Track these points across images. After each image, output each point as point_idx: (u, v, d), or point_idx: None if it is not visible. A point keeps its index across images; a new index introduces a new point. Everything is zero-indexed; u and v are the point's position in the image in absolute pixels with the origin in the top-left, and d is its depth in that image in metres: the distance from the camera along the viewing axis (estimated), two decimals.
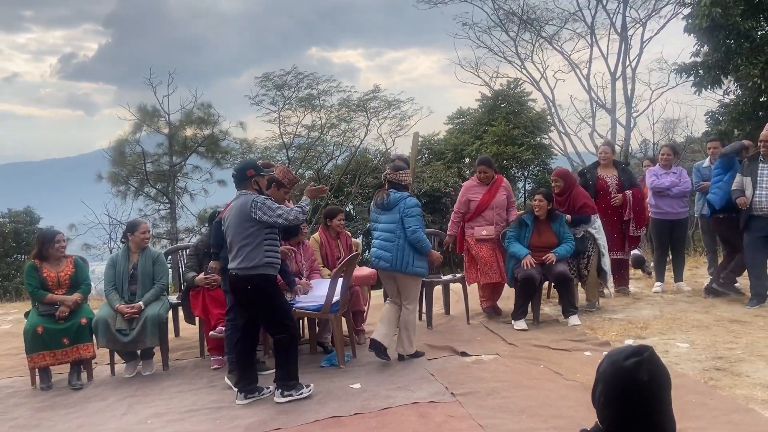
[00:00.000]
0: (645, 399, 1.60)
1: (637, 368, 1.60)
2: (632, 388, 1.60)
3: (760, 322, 5.33)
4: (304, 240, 5.42)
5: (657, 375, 1.61)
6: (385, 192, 4.86)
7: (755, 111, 13.31)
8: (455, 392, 4.15)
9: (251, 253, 4.12)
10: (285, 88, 17.25)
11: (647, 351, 1.64)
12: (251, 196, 4.19)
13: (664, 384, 1.63)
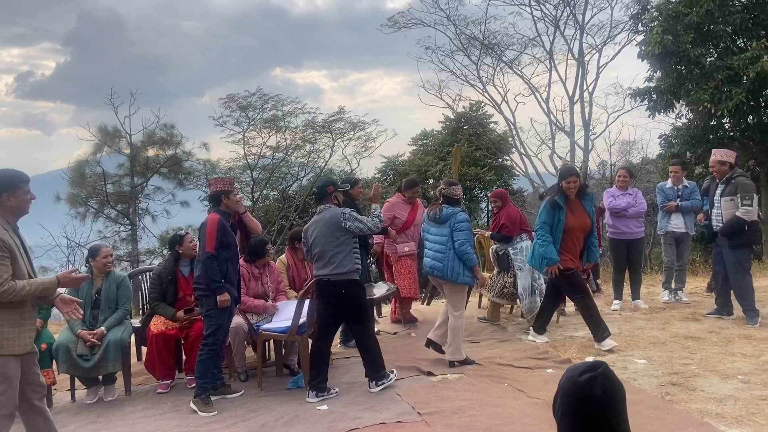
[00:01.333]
0: (599, 413, 1.65)
1: (591, 383, 1.64)
2: (586, 402, 1.65)
3: (713, 338, 5.53)
4: (269, 261, 5.42)
5: (610, 390, 1.65)
6: (438, 206, 5.25)
7: (706, 134, 13.90)
8: (422, 412, 4.19)
9: (344, 260, 4.59)
10: (249, 109, 17.25)
11: (601, 366, 1.68)
12: (338, 209, 4.70)
13: (618, 399, 1.66)
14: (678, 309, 6.84)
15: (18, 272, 3.19)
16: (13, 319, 3.18)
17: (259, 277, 5.28)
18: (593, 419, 1.65)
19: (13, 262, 3.18)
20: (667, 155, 14.64)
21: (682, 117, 14.75)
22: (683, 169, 7.43)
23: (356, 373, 5.19)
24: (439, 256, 5.18)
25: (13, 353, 3.17)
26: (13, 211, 3.30)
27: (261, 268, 5.30)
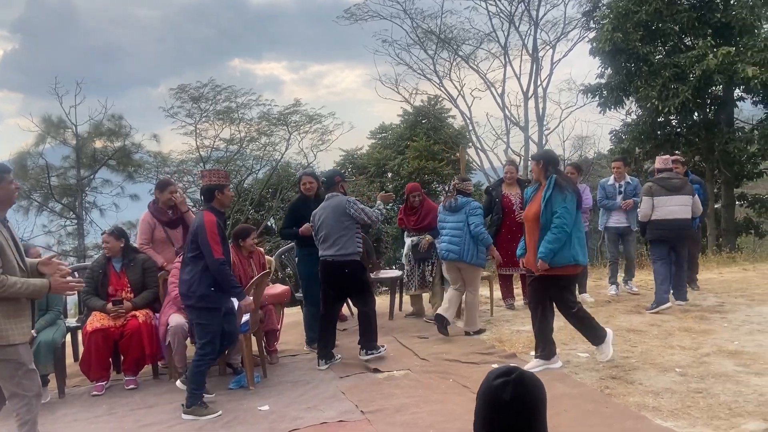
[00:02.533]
0: (509, 418, 1.62)
1: (502, 388, 1.63)
2: (496, 407, 1.63)
3: (654, 331, 5.64)
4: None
5: (522, 396, 1.62)
6: (453, 197, 5.94)
7: (654, 130, 14.25)
8: (365, 410, 4.14)
9: (347, 243, 5.10)
10: (202, 101, 16.82)
11: (515, 372, 1.65)
12: (344, 197, 5.23)
13: (531, 405, 1.64)
14: (623, 302, 6.97)
15: (7, 265, 3.18)
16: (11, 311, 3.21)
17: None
18: (503, 424, 1.62)
19: (2, 255, 3.16)
20: (617, 151, 14.95)
21: (631, 113, 15.09)
22: (625, 165, 7.61)
23: (301, 372, 5.11)
24: (456, 240, 5.79)
25: (14, 343, 3.22)
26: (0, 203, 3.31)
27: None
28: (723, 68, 11.85)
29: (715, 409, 3.74)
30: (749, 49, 12.09)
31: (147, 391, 4.83)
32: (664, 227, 6.44)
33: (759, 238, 16.87)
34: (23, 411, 3.32)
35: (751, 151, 13.54)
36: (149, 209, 5.53)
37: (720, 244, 13.73)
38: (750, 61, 11.75)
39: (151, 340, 4.97)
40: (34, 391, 3.35)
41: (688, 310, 6.38)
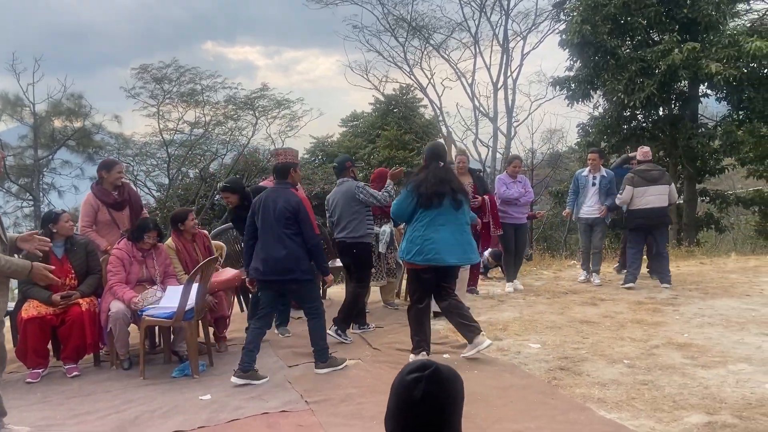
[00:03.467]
0: (418, 416, 1.53)
1: (413, 385, 1.54)
2: (406, 404, 1.55)
3: (607, 322, 5.66)
4: (156, 244, 5.07)
5: (434, 394, 1.53)
6: None
7: (620, 124, 14.37)
8: (309, 400, 4.04)
9: (357, 226, 5.46)
10: (165, 82, 16.37)
11: (430, 368, 1.55)
12: (354, 182, 5.55)
13: (442, 405, 1.54)
14: (579, 293, 7.00)
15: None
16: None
17: (143, 260, 4.93)
18: (410, 422, 1.54)
19: None
20: (584, 144, 15.04)
21: (598, 107, 15.18)
22: (600, 158, 7.78)
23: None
24: None
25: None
26: None
27: (145, 250, 4.95)
28: (688, 64, 11.96)
29: (660, 402, 3.73)
30: (714, 45, 12.23)
31: (86, 379, 4.65)
32: (644, 216, 7.09)
33: (719, 234, 17.22)
34: None
35: (713, 147, 13.75)
36: (93, 191, 5.32)
37: (681, 238, 13.95)
38: (714, 58, 11.89)
39: (93, 327, 4.77)
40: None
41: (642, 302, 6.43)
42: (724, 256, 10.79)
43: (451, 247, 4.53)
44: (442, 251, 4.51)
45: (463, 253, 4.61)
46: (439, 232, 4.51)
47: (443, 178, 4.57)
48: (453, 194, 4.54)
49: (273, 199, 4.57)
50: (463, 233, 4.62)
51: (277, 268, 4.49)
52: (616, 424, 3.45)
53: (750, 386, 3.92)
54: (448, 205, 4.53)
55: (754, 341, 4.91)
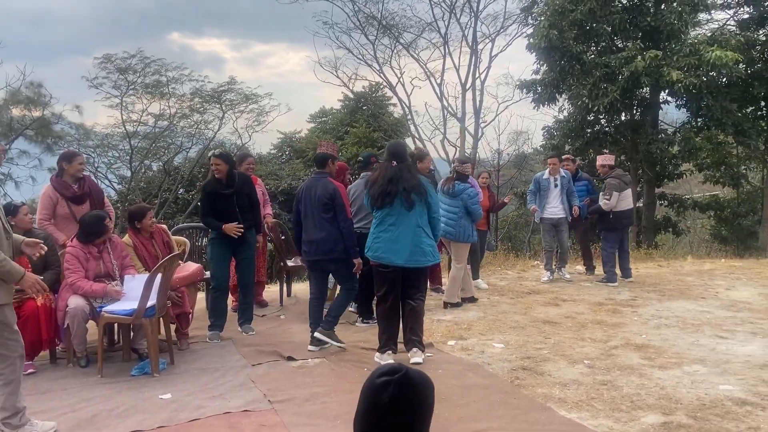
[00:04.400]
0: (384, 421, 1.51)
1: (382, 388, 1.51)
2: (373, 407, 1.52)
3: (569, 323, 5.76)
4: (111, 236, 4.94)
5: (401, 399, 1.50)
6: (452, 182, 6.34)
7: (583, 128, 14.65)
8: (273, 399, 4.00)
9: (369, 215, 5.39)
10: (129, 72, 15.96)
11: (399, 373, 1.53)
12: None
13: (410, 409, 1.52)
14: (542, 294, 7.11)
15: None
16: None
17: (100, 255, 4.80)
18: (379, 425, 1.52)
19: None
20: (549, 146, 15.29)
21: (563, 110, 15.45)
22: (560, 161, 8.11)
23: (211, 358, 4.92)
24: (451, 223, 6.25)
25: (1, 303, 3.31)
26: None
27: (100, 245, 4.82)
28: (650, 71, 12.26)
29: (618, 402, 3.81)
30: (675, 53, 12.56)
31: (42, 377, 4.52)
32: (628, 216, 7.80)
33: (676, 237, 17.72)
34: (8, 371, 3.38)
35: (672, 152, 14.13)
36: (52, 183, 5.16)
37: (640, 240, 14.30)
38: (675, 66, 12.21)
39: (49, 323, 4.63)
40: (18, 352, 3.44)
41: (602, 303, 6.57)
42: (680, 258, 11.11)
43: (398, 247, 4.52)
44: (388, 251, 4.54)
45: (411, 255, 4.52)
46: (388, 231, 4.56)
47: (393, 177, 4.53)
48: (405, 194, 4.48)
49: (313, 187, 5.14)
50: (414, 234, 4.53)
51: (319, 249, 5.07)
52: (576, 423, 3.51)
53: (704, 387, 4.04)
54: (399, 205, 4.52)
55: (708, 343, 5.07)
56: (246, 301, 5.73)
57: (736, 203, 16.59)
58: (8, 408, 3.42)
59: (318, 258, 5.11)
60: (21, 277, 3.33)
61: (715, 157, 15.17)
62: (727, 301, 6.76)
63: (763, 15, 14.20)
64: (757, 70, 13.70)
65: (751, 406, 3.69)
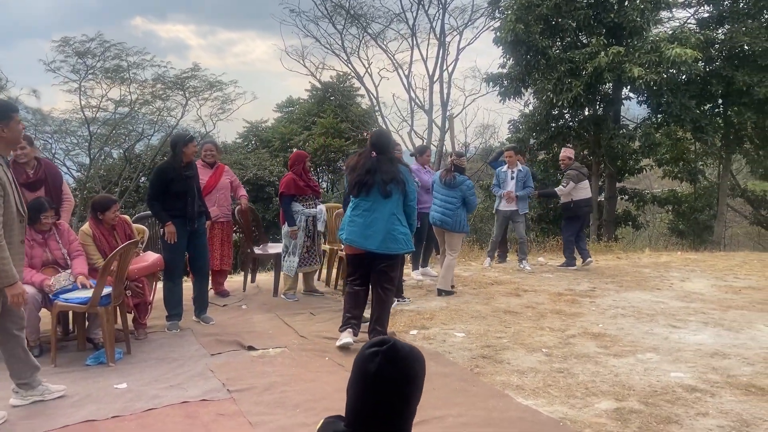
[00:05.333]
0: (372, 390, 1.56)
1: (370, 359, 1.56)
2: (362, 376, 1.58)
3: (529, 312, 5.85)
4: (56, 222, 4.79)
5: (387, 370, 1.55)
6: (451, 174, 6.56)
7: (548, 122, 14.84)
8: (231, 389, 3.96)
9: None
10: (88, 56, 15.51)
11: (387, 344, 1.58)
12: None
13: (396, 380, 1.56)
14: (504, 285, 7.20)
15: (8, 210, 3.26)
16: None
17: (45, 242, 4.65)
18: (368, 394, 1.57)
19: (5, 199, 3.22)
20: (514, 140, 15.44)
21: (528, 105, 15.60)
22: (516, 154, 8.53)
23: (170, 348, 4.84)
24: (449, 213, 6.54)
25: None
26: (7, 143, 3.35)
27: (44, 232, 4.67)
28: (613, 67, 12.48)
29: (573, 389, 3.89)
30: (637, 50, 12.80)
31: None
32: (587, 204, 8.59)
33: (635, 230, 18.17)
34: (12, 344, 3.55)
35: (633, 148, 14.43)
36: None
37: (600, 233, 14.60)
38: (637, 62, 12.45)
39: None
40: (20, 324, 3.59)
41: (562, 294, 6.68)
42: (639, 251, 11.37)
43: (371, 233, 4.63)
44: (361, 236, 4.66)
45: (383, 242, 4.62)
46: (362, 216, 4.67)
47: (372, 168, 4.63)
48: (383, 185, 4.60)
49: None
50: (388, 222, 4.62)
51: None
52: (532, 410, 3.57)
53: (656, 374, 4.15)
54: (376, 193, 4.63)
55: (662, 332, 5.21)
56: (201, 290, 5.63)
57: (693, 198, 17.08)
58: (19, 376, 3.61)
59: None
60: (11, 284, 3.28)
61: (674, 152, 15.58)
62: (681, 292, 6.96)
63: (722, 14, 14.57)
64: (715, 68, 14.07)
65: (700, 393, 3.81)
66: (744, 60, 13.72)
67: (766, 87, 12.88)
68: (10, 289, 3.31)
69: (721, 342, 4.91)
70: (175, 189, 5.20)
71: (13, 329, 3.56)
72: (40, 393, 3.72)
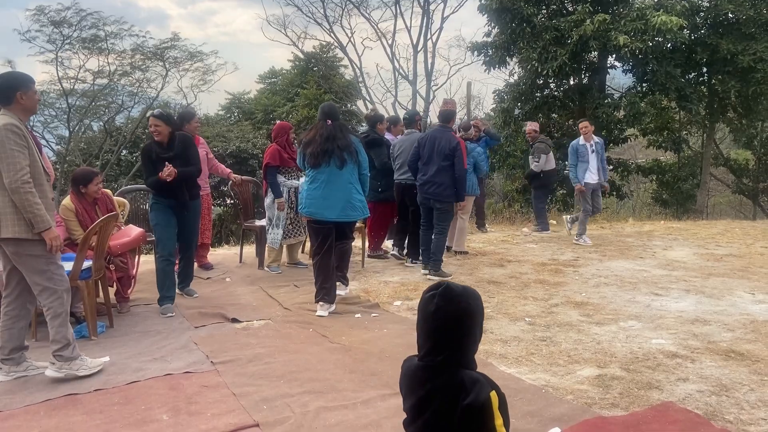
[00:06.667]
0: (434, 325, 1.84)
1: (429, 300, 1.85)
2: (424, 315, 1.86)
3: (512, 282, 5.87)
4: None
5: (443, 307, 1.82)
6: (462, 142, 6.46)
7: (533, 92, 14.76)
8: (215, 360, 3.94)
9: None
10: (64, 26, 15.09)
11: (442, 286, 1.87)
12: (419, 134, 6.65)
13: (451, 316, 1.82)
14: (488, 255, 7.22)
15: (35, 165, 3.42)
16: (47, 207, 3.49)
17: None
18: (431, 331, 1.86)
19: (30, 152, 3.39)
20: (499, 110, 15.38)
21: (513, 74, 15.49)
22: (591, 126, 8.26)
23: (153, 322, 4.81)
24: None
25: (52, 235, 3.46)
26: (25, 111, 3.49)
27: None
28: (598, 35, 12.39)
29: (556, 357, 3.92)
30: (623, 18, 12.71)
31: None
32: (555, 174, 9.39)
33: (620, 200, 18.27)
34: (56, 304, 3.54)
35: (618, 117, 14.43)
36: None
37: None
38: (623, 30, 12.37)
39: None
40: (64, 285, 3.61)
41: (546, 263, 6.72)
42: (622, 221, 11.46)
43: (330, 203, 4.92)
44: (321, 207, 4.94)
45: (343, 210, 4.95)
46: (320, 189, 4.93)
47: (330, 135, 4.90)
48: (339, 152, 4.86)
49: (438, 138, 6.09)
50: (346, 191, 4.94)
51: (431, 189, 6.08)
52: (515, 378, 3.60)
53: (638, 342, 4.20)
54: (333, 164, 4.88)
55: (643, 300, 5.26)
56: (187, 265, 5.57)
57: (677, 167, 17.18)
58: (60, 340, 3.58)
59: (430, 197, 6.12)
60: (45, 229, 3.41)
61: (659, 122, 15.60)
62: (663, 260, 7.03)
63: None
64: (700, 36, 14.03)
65: (681, 359, 3.86)
66: (728, 28, 13.69)
67: (749, 55, 12.88)
68: (47, 233, 3.43)
69: (702, 309, 4.97)
70: (158, 170, 4.92)
71: (26, 303, 3.71)
72: (24, 369, 3.72)
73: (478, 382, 1.79)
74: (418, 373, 1.88)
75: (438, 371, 1.83)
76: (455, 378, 1.81)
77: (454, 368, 1.83)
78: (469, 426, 1.78)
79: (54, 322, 3.57)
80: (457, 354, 1.84)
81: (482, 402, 1.75)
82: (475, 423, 1.77)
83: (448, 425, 1.80)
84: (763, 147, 17.78)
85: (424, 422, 1.87)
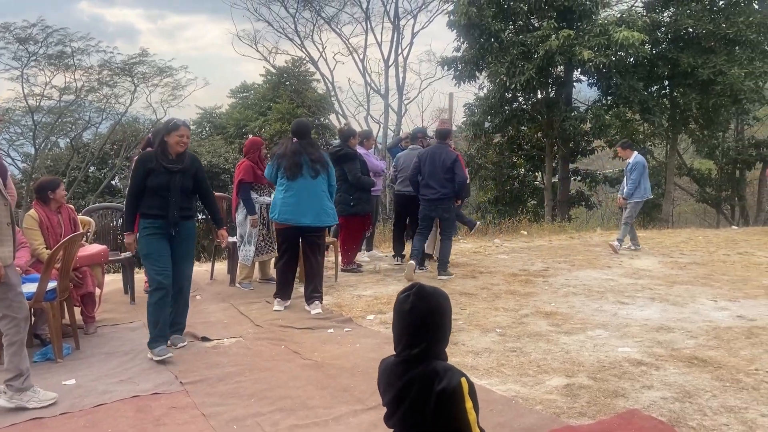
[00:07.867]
0: (409, 322, 2.00)
1: (404, 300, 2.02)
2: (399, 314, 2.03)
3: (484, 294, 5.93)
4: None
5: (417, 306, 1.99)
6: None
7: (502, 105, 14.99)
8: (184, 381, 3.89)
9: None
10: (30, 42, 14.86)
11: (415, 287, 2.03)
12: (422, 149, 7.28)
13: (425, 313, 1.99)
14: (461, 267, 7.29)
15: None
16: None
17: None
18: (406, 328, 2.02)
19: None
20: (470, 123, 15.57)
21: (483, 88, 15.73)
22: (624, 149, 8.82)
23: (120, 342, 4.73)
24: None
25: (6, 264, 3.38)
26: None
27: None
28: (563, 50, 12.66)
29: (525, 367, 3.97)
30: (587, 33, 13.02)
31: None
32: None
33: (588, 210, 18.60)
34: (12, 332, 3.50)
35: (584, 129, 14.74)
36: None
37: (555, 214, 14.90)
38: (587, 45, 12.67)
39: None
40: (23, 313, 3.54)
41: (517, 274, 6.81)
42: (591, 230, 11.66)
43: (304, 210, 5.31)
44: (296, 213, 5.31)
45: (316, 216, 5.35)
46: (294, 197, 5.31)
47: (298, 151, 5.33)
48: (311, 164, 5.31)
49: (437, 153, 6.66)
50: (318, 199, 5.36)
51: (434, 197, 6.65)
52: (486, 389, 3.63)
53: (605, 350, 4.27)
54: (306, 174, 5.31)
55: (611, 309, 5.36)
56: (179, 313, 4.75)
57: None
58: (12, 369, 3.51)
59: (438, 209, 6.68)
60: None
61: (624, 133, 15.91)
62: (630, 269, 7.17)
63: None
64: (661, 50, 14.45)
65: (646, 366, 3.94)
66: (688, 42, 14.13)
67: (709, 68, 13.30)
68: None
69: (667, 316, 5.09)
70: (154, 183, 4.32)
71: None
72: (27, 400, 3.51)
73: (450, 370, 1.98)
74: (396, 369, 2.04)
75: (414, 363, 2.00)
76: (429, 367, 1.98)
77: (428, 359, 2.00)
78: (443, 409, 1.94)
79: (8, 350, 3.49)
80: (431, 347, 2.01)
81: (454, 387, 1.91)
82: (448, 406, 1.93)
83: (425, 410, 1.96)
84: (725, 157, 18.31)
85: (403, 412, 2.03)
